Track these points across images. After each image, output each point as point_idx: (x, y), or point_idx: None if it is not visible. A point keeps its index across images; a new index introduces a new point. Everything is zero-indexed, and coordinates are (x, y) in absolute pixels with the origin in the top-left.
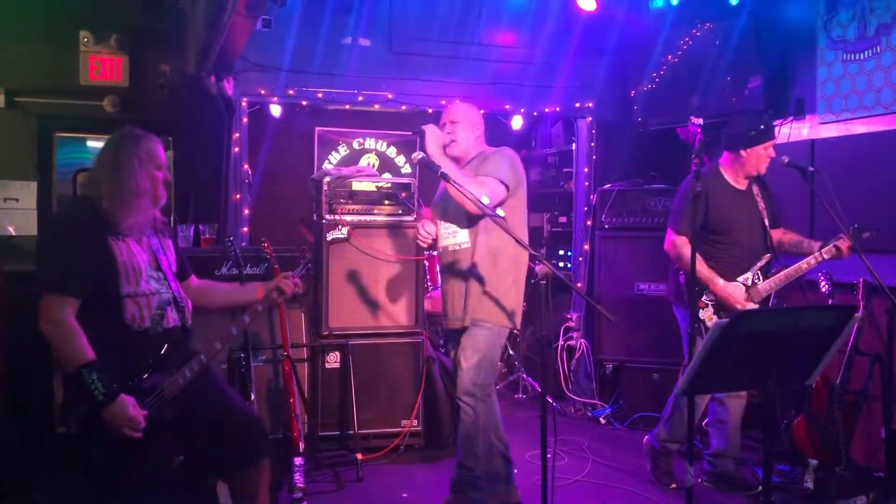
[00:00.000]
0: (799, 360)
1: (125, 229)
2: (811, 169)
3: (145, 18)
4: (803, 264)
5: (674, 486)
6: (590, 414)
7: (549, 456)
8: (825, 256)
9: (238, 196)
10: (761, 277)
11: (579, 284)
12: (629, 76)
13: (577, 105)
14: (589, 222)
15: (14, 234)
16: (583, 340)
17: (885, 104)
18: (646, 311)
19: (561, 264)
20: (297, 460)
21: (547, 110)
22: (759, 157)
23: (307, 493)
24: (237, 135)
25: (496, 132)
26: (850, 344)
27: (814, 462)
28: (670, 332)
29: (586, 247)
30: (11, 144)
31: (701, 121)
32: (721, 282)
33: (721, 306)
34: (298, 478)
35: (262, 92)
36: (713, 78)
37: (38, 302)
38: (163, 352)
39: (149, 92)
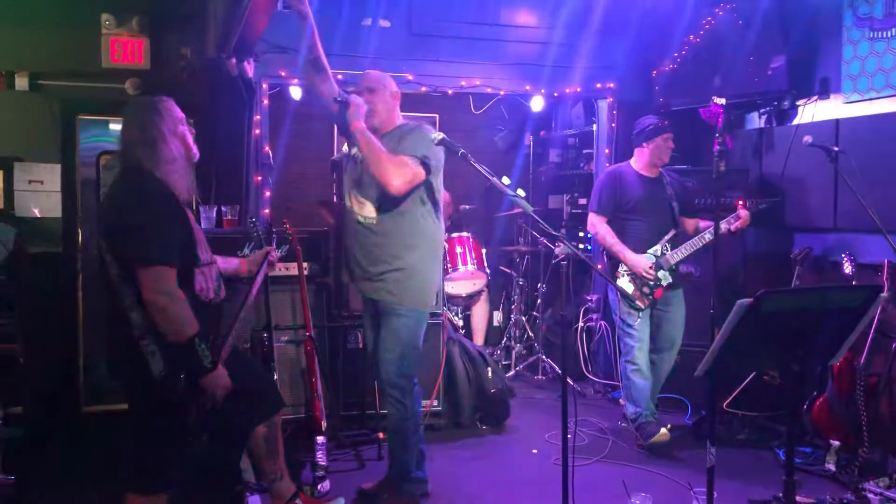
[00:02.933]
0: (822, 341)
1: (181, 197)
2: (835, 149)
3: (166, 1)
4: (706, 234)
5: (663, 430)
6: (610, 395)
7: (569, 437)
8: (722, 227)
9: (259, 178)
10: (669, 248)
11: (599, 266)
12: (651, 56)
13: (598, 86)
14: None
15: (39, 215)
16: (602, 322)
17: None
18: None
19: (581, 246)
20: (320, 439)
21: (567, 91)
22: (660, 148)
23: (329, 471)
24: (258, 117)
25: (517, 113)
26: (874, 325)
27: (835, 443)
28: (691, 313)
29: None
30: (35, 127)
31: (724, 101)
32: (629, 253)
33: (634, 274)
34: (321, 456)
35: (283, 74)
36: (735, 58)
37: (74, 282)
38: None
39: (170, 74)
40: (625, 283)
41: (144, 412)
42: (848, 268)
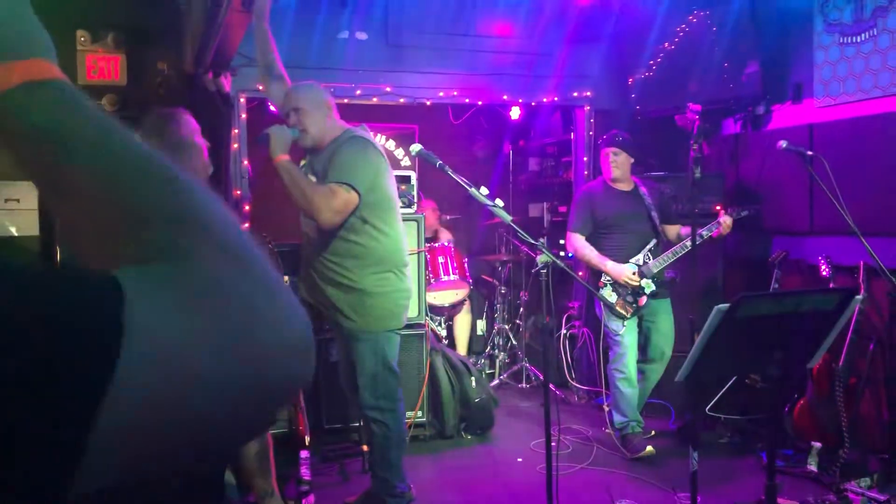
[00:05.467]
0: (800, 344)
1: None
2: (809, 153)
3: (142, 16)
4: (688, 241)
5: (649, 448)
6: (594, 402)
7: (553, 444)
8: (703, 236)
9: (238, 192)
10: (651, 257)
11: (580, 273)
12: (626, 64)
13: (575, 94)
14: None
15: (16, 234)
16: (585, 329)
17: (882, 87)
18: None
19: (562, 253)
20: (304, 453)
21: (545, 100)
22: (603, 162)
23: (314, 485)
24: (236, 131)
25: (495, 122)
26: (851, 327)
27: (817, 445)
28: (673, 319)
29: None
30: None
31: (699, 107)
32: (609, 263)
33: (617, 283)
34: (305, 471)
35: (261, 88)
36: (710, 64)
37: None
38: None
39: (147, 90)
40: (607, 292)
41: None
42: (825, 270)
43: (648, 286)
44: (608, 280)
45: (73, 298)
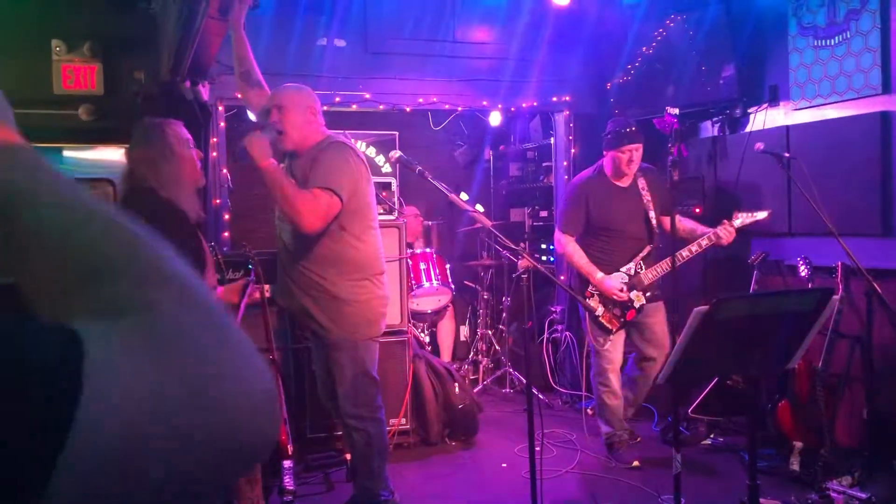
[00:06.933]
0: (779, 345)
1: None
2: (786, 155)
3: (117, 25)
4: (684, 252)
5: (636, 463)
6: (577, 406)
7: (537, 449)
8: (704, 244)
9: (218, 201)
10: (643, 267)
11: (562, 277)
12: (604, 69)
13: (554, 99)
14: None
15: None
16: (567, 333)
17: (856, 89)
18: None
19: (543, 258)
20: (287, 463)
21: (524, 105)
22: (617, 160)
23: (297, 495)
24: (215, 139)
25: (476, 128)
26: (830, 327)
27: (799, 444)
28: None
29: None
30: None
31: (677, 111)
32: (599, 275)
33: (604, 296)
34: (288, 481)
35: (239, 95)
36: (687, 68)
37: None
38: None
39: (124, 99)
40: (594, 303)
41: None
42: (804, 271)
43: (639, 300)
44: (595, 290)
45: (29, 352)
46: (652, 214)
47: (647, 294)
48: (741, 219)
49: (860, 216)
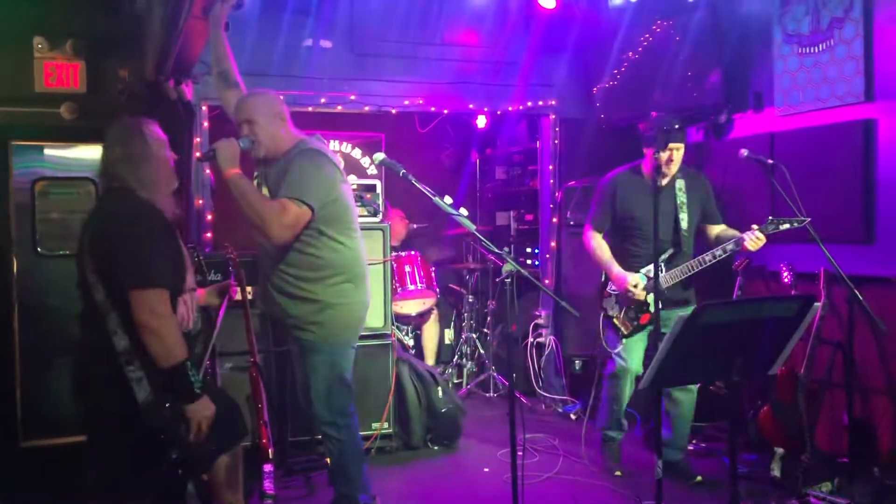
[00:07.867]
0: (761, 351)
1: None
2: (770, 161)
3: (101, 23)
4: (707, 256)
5: (617, 473)
6: (560, 410)
7: (519, 453)
8: (727, 250)
9: (201, 201)
10: (664, 269)
11: (546, 282)
12: (591, 73)
13: (540, 103)
14: (555, 219)
15: None
16: (552, 337)
17: (839, 96)
18: None
19: (528, 262)
20: (267, 467)
21: (510, 109)
22: (658, 158)
23: (278, 499)
24: (198, 139)
25: (462, 131)
26: (812, 333)
27: (780, 450)
28: None
29: (553, 244)
30: None
31: (662, 116)
32: (616, 269)
33: (622, 295)
34: (268, 484)
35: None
36: (673, 73)
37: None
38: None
39: (107, 98)
40: (610, 304)
41: (119, 441)
42: (787, 277)
43: (653, 304)
44: (613, 290)
45: None
46: (683, 217)
47: (664, 299)
48: (775, 224)
49: (842, 223)
